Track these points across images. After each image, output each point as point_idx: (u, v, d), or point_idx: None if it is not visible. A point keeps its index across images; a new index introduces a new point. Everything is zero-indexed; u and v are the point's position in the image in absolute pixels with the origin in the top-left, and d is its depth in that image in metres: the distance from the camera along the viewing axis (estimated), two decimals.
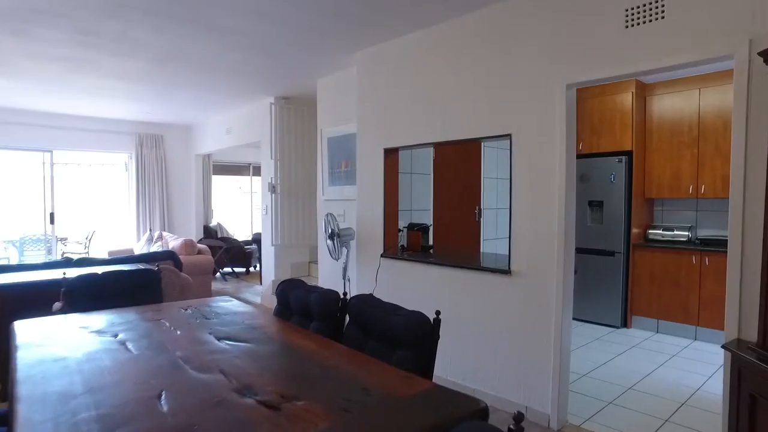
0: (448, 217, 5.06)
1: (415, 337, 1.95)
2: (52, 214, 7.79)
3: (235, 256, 8.76)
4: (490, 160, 5.52)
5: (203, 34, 3.85)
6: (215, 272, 8.58)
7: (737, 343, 2.22)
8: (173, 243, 6.47)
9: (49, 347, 1.97)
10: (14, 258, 8.04)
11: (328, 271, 5.29)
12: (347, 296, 2.39)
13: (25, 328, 2.27)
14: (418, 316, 1.98)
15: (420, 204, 4.86)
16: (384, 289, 4.10)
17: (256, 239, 8.50)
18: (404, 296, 3.93)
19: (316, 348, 2.02)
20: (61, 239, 8.39)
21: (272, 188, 6.23)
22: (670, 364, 4.11)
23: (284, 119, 6.29)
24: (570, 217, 3.01)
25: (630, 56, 2.62)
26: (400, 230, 4.23)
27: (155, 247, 6.45)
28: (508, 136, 3.22)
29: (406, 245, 4.18)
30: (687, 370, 3.97)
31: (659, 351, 4.45)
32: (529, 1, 3.08)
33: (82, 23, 3.58)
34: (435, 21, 3.60)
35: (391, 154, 4.14)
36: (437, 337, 1.97)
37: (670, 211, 5.42)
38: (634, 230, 5.17)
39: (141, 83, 5.52)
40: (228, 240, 8.92)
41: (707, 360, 4.22)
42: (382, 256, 4.10)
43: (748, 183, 2.23)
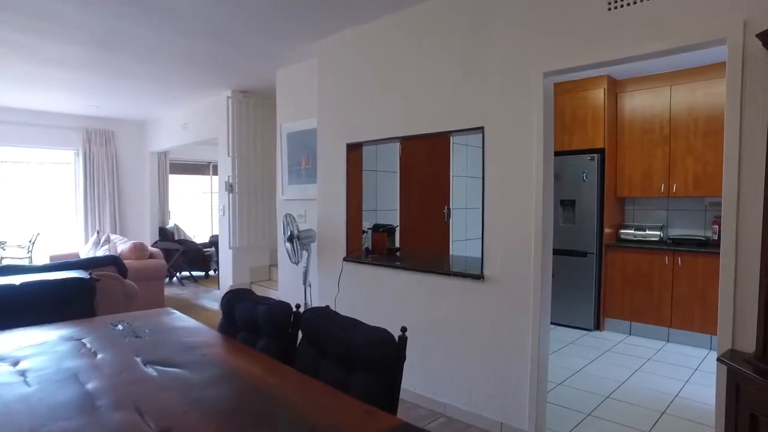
0: (416, 217, 4.80)
1: (377, 358, 1.67)
2: None
3: (193, 259, 8.29)
4: (460, 157, 5.29)
5: (147, 15, 3.47)
6: (172, 277, 8.11)
7: (731, 354, 2.02)
8: (122, 246, 5.99)
9: None
10: None
11: (288, 276, 4.95)
12: (300, 308, 2.09)
13: None
14: (380, 334, 1.70)
15: (386, 204, 4.58)
16: (347, 295, 3.80)
17: (215, 241, 8.07)
18: (369, 303, 3.64)
19: (261, 373, 1.71)
20: (0, 243, 7.73)
21: (229, 187, 5.85)
22: (646, 369, 3.96)
23: (242, 114, 5.92)
24: (548, 217, 2.78)
25: (613, 41, 2.40)
26: (364, 232, 3.94)
27: (101, 251, 5.96)
28: (481, 129, 2.97)
29: (371, 248, 3.90)
30: (663, 375, 3.82)
31: (633, 355, 4.30)
32: None
33: None
34: (401, 5, 3.32)
35: (354, 150, 3.84)
36: (403, 358, 1.68)
37: (641, 210, 5.31)
38: (606, 230, 5.03)
39: (84, 71, 5.05)
40: (185, 242, 8.43)
41: (681, 363, 4.10)
42: (344, 260, 3.80)
43: (742, 178, 2.03)
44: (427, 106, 3.26)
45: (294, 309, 2.10)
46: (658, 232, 4.96)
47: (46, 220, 8.25)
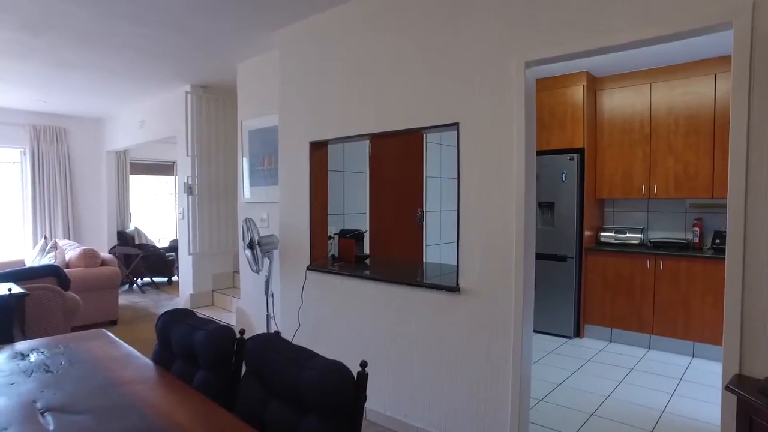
0: (387, 221, 4.49)
1: (331, 400, 1.36)
2: None
3: (155, 264, 7.82)
4: (433, 156, 5.01)
5: None
6: (132, 283, 7.63)
7: (739, 381, 1.78)
8: (71, 253, 5.52)
9: None
10: None
11: (251, 285, 4.60)
12: (245, 334, 1.76)
13: None
14: (335, 371, 1.39)
15: (354, 207, 4.26)
16: (311, 307, 3.47)
17: (174, 246, 7.62)
18: (335, 317, 3.32)
19: (190, 423, 1.39)
20: None
21: (189, 189, 5.45)
22: (630, 380, 3.75)
23: (202, 110, 5.53)
24: (530, 221, 2.52)
25: (604, 25, 2.14)
26: (330, 237, 3.62)
27: (47, 259, 5.47)
28: (456, 125, 2.69)
29: (337, 255, 3.58)
30: (647, 387, 3.62)
31: (616, 364, 4.10)
32: None
33: None
34: None
35: (318, 149, 3.52)
36: (363, 398, 1.39)
37: (621, 212, 5.13)
38: (586, 233, 4.82)
39: (22, 62, 4.59)
40: (146, 247, 7.95)
41: (665, 372, 3.90)
42: (308, 268, 3.47)
43: (750, 182, 1.79)
44: (398, 101, 2.96)
45: (238, 336, 1.77)
46: (639, 235, 4.78)
47: None
